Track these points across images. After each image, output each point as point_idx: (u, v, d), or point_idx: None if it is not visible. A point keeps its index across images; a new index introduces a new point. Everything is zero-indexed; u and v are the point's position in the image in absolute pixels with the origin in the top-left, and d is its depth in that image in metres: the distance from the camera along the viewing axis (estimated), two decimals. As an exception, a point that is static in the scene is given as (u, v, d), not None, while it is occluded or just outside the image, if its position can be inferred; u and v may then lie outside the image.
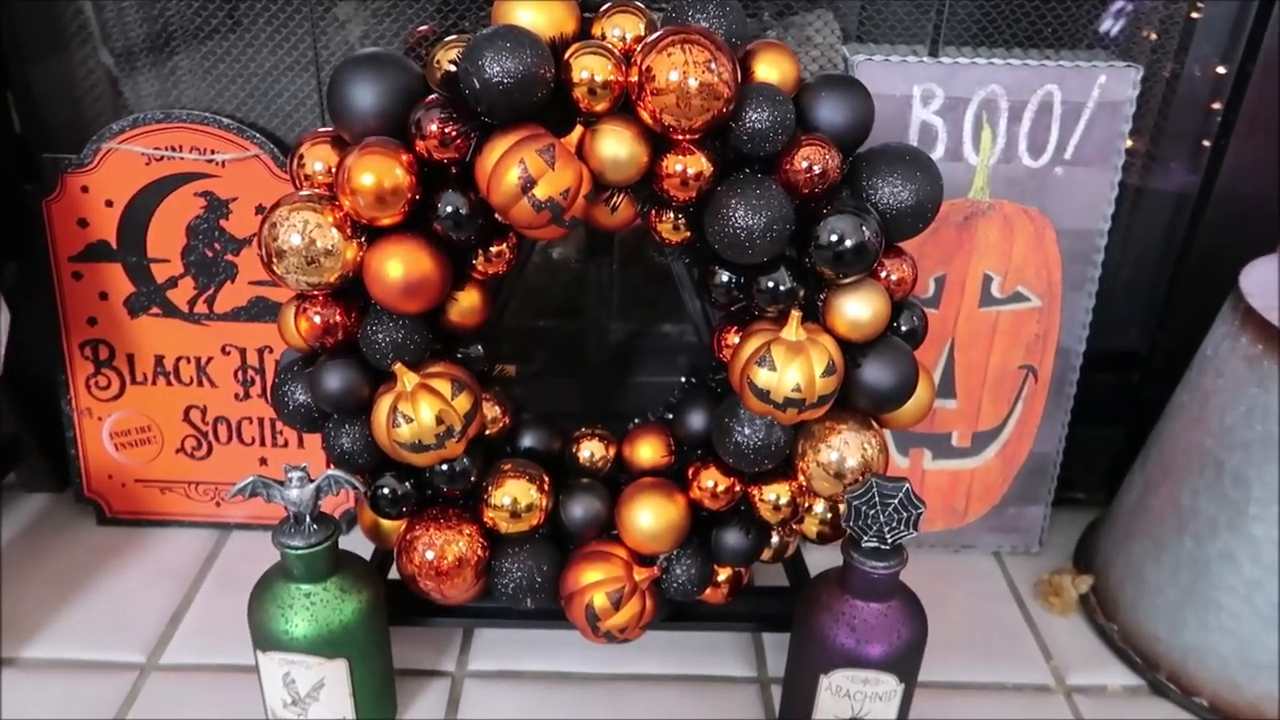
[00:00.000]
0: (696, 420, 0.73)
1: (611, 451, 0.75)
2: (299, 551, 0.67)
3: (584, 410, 0.97)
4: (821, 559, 0.82)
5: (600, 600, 0.70)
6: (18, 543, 0.95)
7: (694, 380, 0.77)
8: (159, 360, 0.92)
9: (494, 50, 0.58)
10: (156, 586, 0.90)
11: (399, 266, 0.63)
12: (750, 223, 0.62)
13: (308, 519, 0.68)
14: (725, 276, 0.69)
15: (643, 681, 0.82)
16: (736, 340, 0.70)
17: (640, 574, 0.71)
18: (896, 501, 0.65)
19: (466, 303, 0.69)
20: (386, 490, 0.70)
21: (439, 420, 0.65)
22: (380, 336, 0.66)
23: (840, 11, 0.93)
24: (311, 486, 0.67)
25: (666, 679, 0.82)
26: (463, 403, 0.66)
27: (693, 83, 0.59)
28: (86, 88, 0.89)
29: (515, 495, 0.71)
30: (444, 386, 0.66)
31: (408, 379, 0.65)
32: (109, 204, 0.88)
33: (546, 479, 0.72)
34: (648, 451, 0.74)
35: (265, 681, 0.71)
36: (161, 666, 0.82)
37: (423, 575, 0.70)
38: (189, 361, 0.92)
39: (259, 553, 0.94)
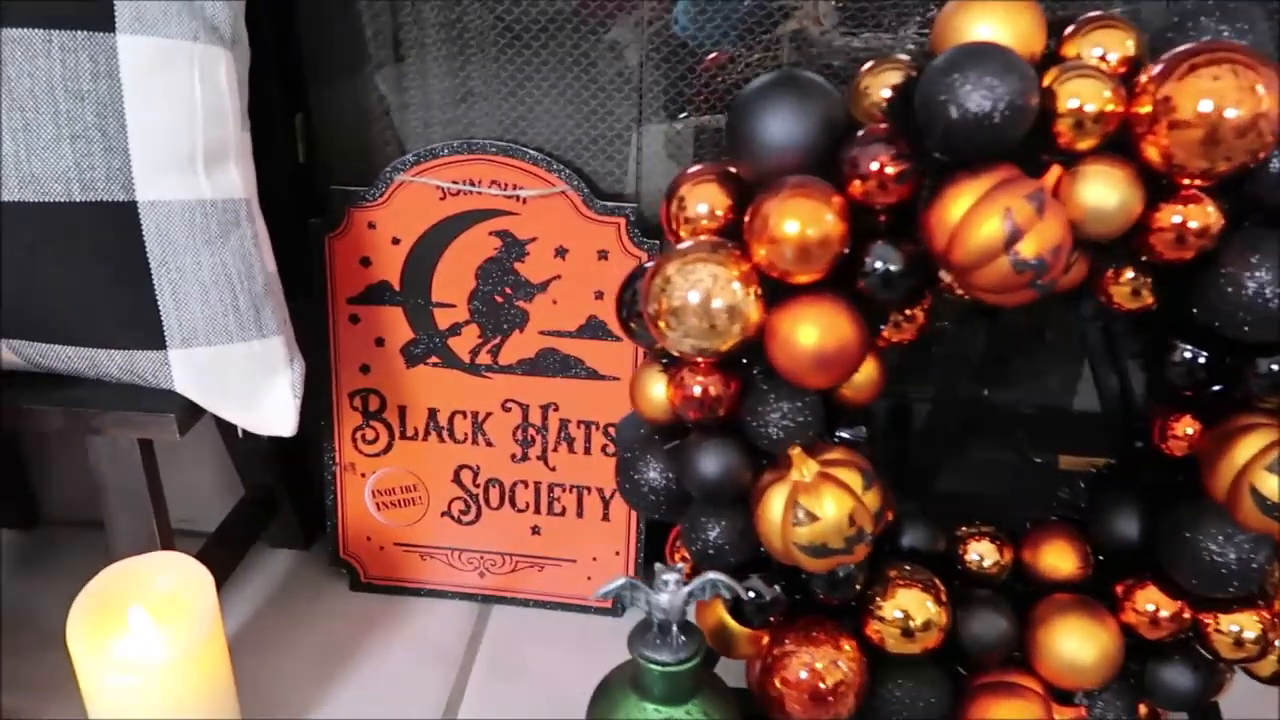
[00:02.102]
0: (1125, 527, 0.60)
1: (1007, 556, 0.63)
2: (667, 669, 0.56)
3: (903, 485, 0.84)
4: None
5: (1021, 747, 0.57)
6: (273, 605, 0.87)
7: (1107, 472, 0.64)
8: (432, 414, 0.84)
9: (977, 73, 0.47)
10: (425, 666, 0.81)
11: (813, 332, 0.52)
12: (1275, 291, 0.49)
13: (674, 629, 0.57)
14: (1189, 353, 0.55)
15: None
16: (1189, 431, 0.57)
17: (1062, 714, 0.58)
18: None
19: (863, 376, 0.57)
20: (754, 594, 0.59)
21: (850, 520, 0.53)
22: (774, 414, 0.55)
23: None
24: (684, 591, 0.56)
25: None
26: (873, 499, 0.55)
27: (1233, 114, 0.46)
28: (377, 115, 0.82)
29: (909, 608, 0.59)
30: (852, 479, 0.54)
31: (807, 467, 0.54)
32: (395, 241, 0.80)
33: (943, 590, 0.60)
34: (1056, 559, 0.61)
35: (602, 813, 0.60)
36: (448, 768, 0.72)
37: (795, 698, 0.59)
38: (465, 416, 0.84)
39: (526, 630, 0.85)
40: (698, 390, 0.56)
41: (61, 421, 0.67)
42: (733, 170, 0.57)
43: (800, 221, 0.50)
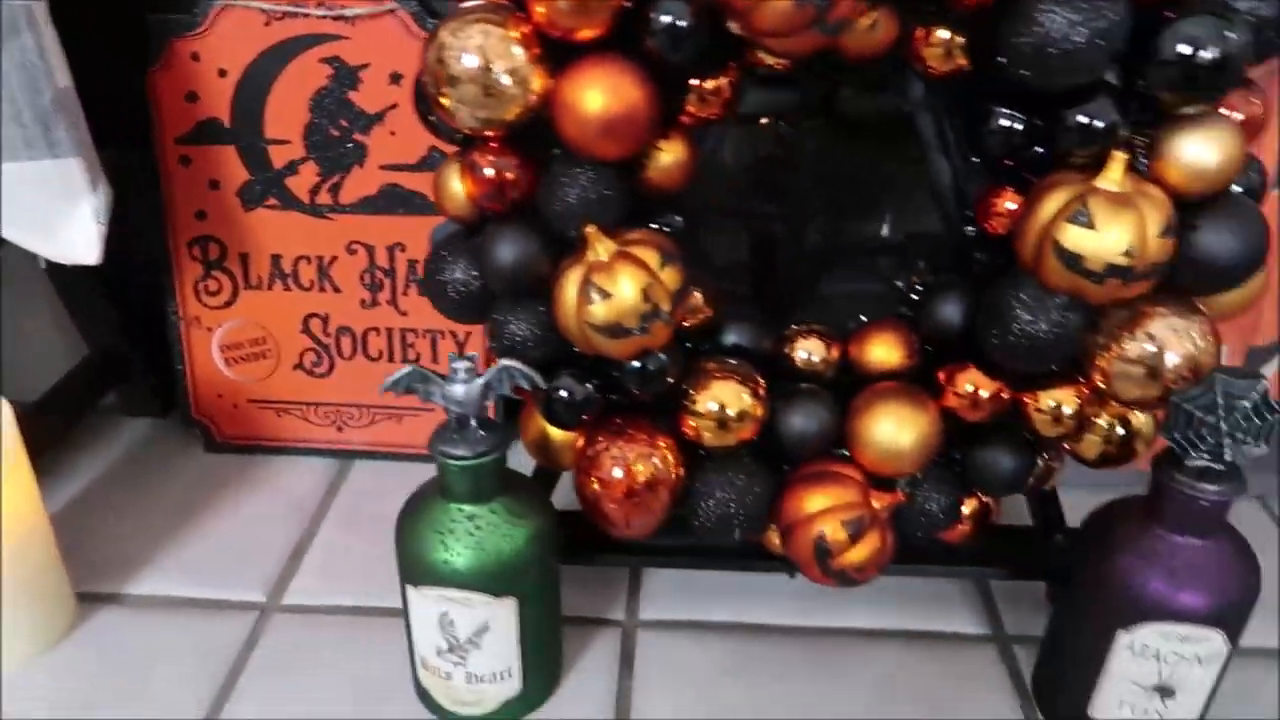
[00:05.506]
0: (949, 312, 0.58)
1: (835, 353, 0.61)
2: (464, 463, 0.54)
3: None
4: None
5: (834, 531, 0.55)
6: (119, 471, 0.84)
7: (941, 270, 0.62)
8: (275, 260, 0.80)
9: None
10: (274, 520, 0.79)
11: (599, 96, 0.49)
12: (1072, 28, 0.46)
13: (473, 423, 0.55)
14: (1004, 120, 0.53)
15: (852, 637, 0.68)
16: (1012, 205, 0.55)
17: (880, 500, 0.56)
18: (1249, 406, 0.50)
19: (670, 156, 0.55)
20: (564, 393, 0.57)
21: (644, 296, 0.51)
22: (569, 191, 0.52)
23: None
24: (479, 382, 0.54)
25: (881, 635, 0.68)
26: (671, 277, 0.52)
27: None
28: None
29: (724, 400, 0.57)
30: (649, 256, 0.52)
31: (603, 246, 0.52)
32: (222, 74, 0.75)
33: (760, 382, 0.58)
34: (883, 352, 0.59)
35: (416, 623, 0.58)
36: (285, 607, 0.70)
37: (609, 498, 0.57)
38: (309, 262, 0.80)
39: (386, 486, 0.81)
40: (490, 172, 0.53)
41: None
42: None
43: (572, -34, 0.47)
